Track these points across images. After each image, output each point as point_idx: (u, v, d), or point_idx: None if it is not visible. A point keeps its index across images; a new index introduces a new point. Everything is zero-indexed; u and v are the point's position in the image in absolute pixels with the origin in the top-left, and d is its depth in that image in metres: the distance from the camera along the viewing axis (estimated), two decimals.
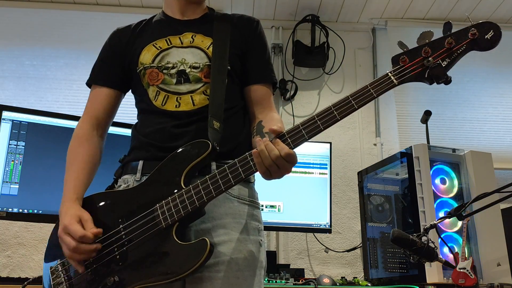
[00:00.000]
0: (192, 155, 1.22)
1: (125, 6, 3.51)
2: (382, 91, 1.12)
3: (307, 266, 3.11)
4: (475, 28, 1.09)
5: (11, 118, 2.27)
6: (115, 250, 1.21)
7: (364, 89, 1.12)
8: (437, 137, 3.24)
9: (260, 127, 1.34)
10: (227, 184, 1.16)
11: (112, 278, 1.18)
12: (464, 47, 1.10)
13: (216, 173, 1.17)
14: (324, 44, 3.48)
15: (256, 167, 1.13)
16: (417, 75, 1.12)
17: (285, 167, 1.12)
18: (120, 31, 1.50)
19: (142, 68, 1.39)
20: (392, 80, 1.12)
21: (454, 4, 3.48)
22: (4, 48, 3.36)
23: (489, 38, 1.08)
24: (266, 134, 1.28)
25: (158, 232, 1.18)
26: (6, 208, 2.19)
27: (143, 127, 1.38)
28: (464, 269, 2.11)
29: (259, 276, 1.26)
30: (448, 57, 1.10)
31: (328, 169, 2.74)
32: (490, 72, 3.60)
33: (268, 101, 1.43)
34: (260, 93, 1.42)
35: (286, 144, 1.11)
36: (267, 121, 1.34)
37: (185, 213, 1.17)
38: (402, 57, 1.13)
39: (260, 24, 1.49)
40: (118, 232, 1.22)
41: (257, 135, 1.31)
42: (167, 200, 1.19)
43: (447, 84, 1.11)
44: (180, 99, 1.34)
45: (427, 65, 1.11)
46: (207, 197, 1.16)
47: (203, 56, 1.38)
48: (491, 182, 2.37)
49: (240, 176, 1.15)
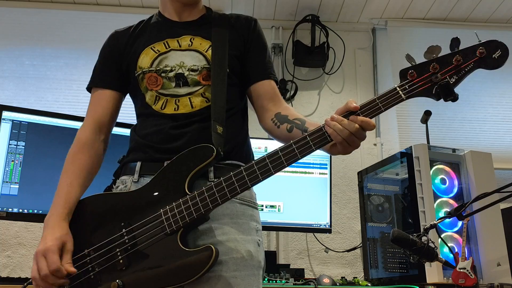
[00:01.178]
0: (197, 160, 1.22)
1: (125, 6, 3.51)
2: (390, 105, 1.12)
3: (307, 266, 3.11)
4: (483, 47, 1.10)
5: (11, 118, 2.27)
6: (118, 255, 1.20)
7: (372, 102, 1.12)
8: (437, 137, 3.24)
9: (282, 117, 1.34)
10: (233, 192, 1.16)
11: (116, 282, 1.17)
12: (471, 65, 1.11)
13: (222, 180, 1.17)
14: (324, 44, 3.48)
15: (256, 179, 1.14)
16: (424, 91, 1.12)
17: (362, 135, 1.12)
18: (118, 33, 1.49)
19: (141, 72, 1.39)
20: (400, 95, 1.12)
21: (454, 4, 3.48)
22: (4, 48, 3.36)
23: (497, 57, 1.09)
24: (297, 120, 1.30)
25: (162, 238, 1.18)
26: (6, 208, 2.19)
27: (141, 129, 1.38)
28: (464, 269, 2.11)
29: (257, 276, 1.26)
30: (456, 74, 1.11)
31: (328, 169, 2.74)
32: (490, 72, 3.57)
33: (277, 94, 1.43)
34: (268, 87, 1.43)
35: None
36: (286, 111, 1.36)
37: (190, 219, 1.17)
38: (410, 71, 1.12)
39: (258, 23, 1.49)
40: (121, 237, 1.21)
41: (282, 124, 1.32)
42: (172, 206, 1.19)
43: (454, 101, 1.11)
44: (179, 101, 1.34)
45: (435, 81, 1.11)
46: (213, 204, 1.17)
47: (202, 58, 1.37)
48: (491, 182, 2.37)
49: (247, 185, 1.15)
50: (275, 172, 1.15)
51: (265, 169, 1.14)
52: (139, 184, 1.31)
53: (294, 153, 1.13)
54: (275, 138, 1.39)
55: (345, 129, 1.10)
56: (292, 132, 1.30)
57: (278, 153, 1.14)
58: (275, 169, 1.14)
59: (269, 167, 1.14)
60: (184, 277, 1.13)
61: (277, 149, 1.15)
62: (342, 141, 1.11)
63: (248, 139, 1.44)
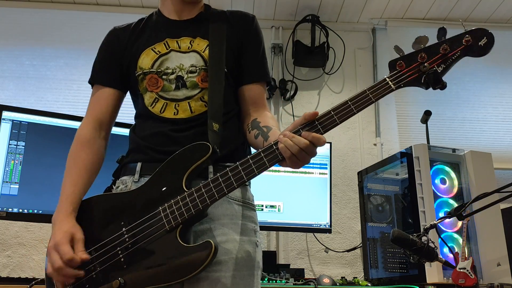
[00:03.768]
0: (193, 158, 1.23)
1: (125, 6, 3.51)
2: (380, 95, 1.14)
3: (307, 266, 3.11)
4: (469, 35, 1.12)
5: (11, 118, 2.27)
6: (119, 253, 1.20)
7: (362, 93, 1.14)
8: (437, 137, 3.25)
9: (255, 123, 1.36)
10: (230, 187, 1.17)
11: (117, 280, 1.17)
12: (458, 54, 1.13)
13: (219, 176, 1.18)
14: (324, 44, 3.48)
15: (256, 171, 1.15)
16: (413, 80, 1.15)
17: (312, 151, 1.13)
18: (118, 30, 1.48)
19: (141, 72, 1.38)
20: (390, 85, 1.14)
21: (454, 4, 3.48)
22: (4, 48, 3.36)
23: (482, 44, 1.12)
24: (264, 128, 1.31)
25: (162, 235, 1.19)
26: (6, 208, 2.19)
27: (141, 130, 1.38)
28: (464, 269, 2.11)
29: (256, 276, 1.27)
30: (443, 63, 1.14)
31: (328, 169, 2.74)
32: (490, 72, 3.60)
33: (262, 100, 1.44)
34: (255, 93, 1.43)
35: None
36: (262, 118, 1.37)
37: (189, 215, 1.18)
38: (399, 62, 1.15)
39: (256, 20, 1.48)
40: (121, 235, 1.21)
41: (253, 130, 1.34)
42: (170, 203, 1.20)
43: (442, 89, 1.14)
44: (178, 106, 1.34)
45: (423, 71, 1.14)
46: (210, 199, 1.17)
47: (199, 59, 1.37)
48: (491, 182, 2.37)
49: (243, 179, 1.16)
50: (259, 173, 1.16)
51: (260, 163, 1.16)
52: (139, 184, 1.31)
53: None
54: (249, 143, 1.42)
55: (295, 144, 1.10)
56: (257, 139, 1.32)
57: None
58: (270, 163, 1.15)
59: (264, 161, 1.16)
60: (185, 272, 1.14)
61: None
62: (291, 156, 1.12)
63: (247, 142, 1.44)
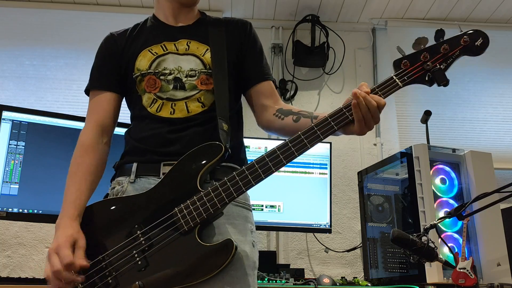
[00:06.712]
0: (207, 157, 1.23)
1: (125, 6, 3.51)
2: (389, 93, 1.21)
3: (307, 266, 3.11)
4: (467, 36, 1.23)
5: (11, 118, 2.27)
6: (135, 256, 1.20)
7: (372, 91, 1.19)
8: (437, 137, 3.24)
9: (286, 111, 1.39)
10: (248, 185, 1.19)
11: (136, 284, 1.16)
12: (457, 53, 1.23)
13: (235, 175, 1.19)
14: (324, 44, 3.48)
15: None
16: (418, 78, 1.22)
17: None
18: (115, 35, 1.48)
19: (139, 74, 1.39)
20: (397, 83, 1.21)
21: (454, 4, 3.48)
22: (4, 48, 3.36)
23: (478, 44, 1.22)
24: (303, 111, 1.37)
25: (179, 236, 1.19)
26: (6, 208, 2.19)
27: (137, 132, 1.38)
28: (464, 269, 2.11)
29: (252, 276, 1.28)
30: (445, 61, 1.22)
31: (328, 169, 2.74)
32: (490, 72, 3.59)
33: (276, 94, 1.48)
34: (267, 88, 1.46)
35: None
36: (287, 107, 1.41)
37: (208, 215, 1.18)
38: (404, 61, 1.23)
39: (253, 27, 1.51)
40: (137, 239, 1.21)
41: (287, 116, 1.37)
42: (186, 203, 1.20)
43: (446, 86, 1.21)
44: (175, 105, 1.34)
45: (427, 69, 1.22)
46: (229, 198, 1.19)
47: (199, 62, 1.38)
48: (491, 182, 2.37)
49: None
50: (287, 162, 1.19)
51: (277, 160, 1.18)
52: (135, 184, 1.31)
53: (316, 134, 1.19)
54: (276, 130, 1.42)
55: (366, 105, 1.15)
56: (299, 122, 1.34)
57: (299, 137, 1.19)
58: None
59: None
60: (208, 270, 1.15)
61: (294, 137, 1.20)
62: (361, 118, 1.16)
63: (243, 144, 1.45)
